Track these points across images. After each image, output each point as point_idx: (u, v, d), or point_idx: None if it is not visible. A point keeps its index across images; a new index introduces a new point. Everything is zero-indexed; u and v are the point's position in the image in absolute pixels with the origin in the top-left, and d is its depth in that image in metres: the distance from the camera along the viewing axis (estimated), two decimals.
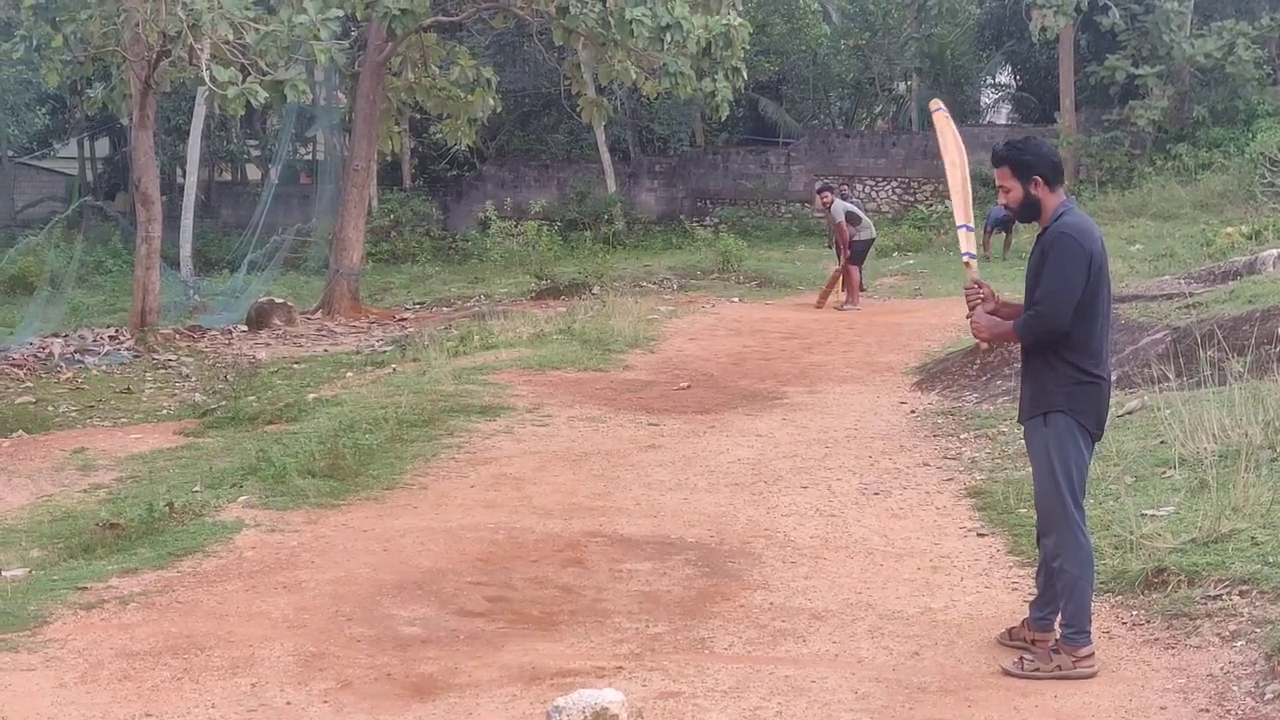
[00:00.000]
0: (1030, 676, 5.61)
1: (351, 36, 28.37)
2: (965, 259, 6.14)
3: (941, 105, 6.68)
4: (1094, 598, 6.24)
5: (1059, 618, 5.75)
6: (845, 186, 29.89)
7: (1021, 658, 5.73)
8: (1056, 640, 5.72)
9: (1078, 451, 5.67)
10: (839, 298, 20.18)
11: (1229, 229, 20.74)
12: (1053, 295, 5.55)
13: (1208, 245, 20.08)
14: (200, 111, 31.29)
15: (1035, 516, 6.06)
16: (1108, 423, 6.05)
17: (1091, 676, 5.58)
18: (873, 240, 21.09)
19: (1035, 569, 6.06)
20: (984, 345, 6.14)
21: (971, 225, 6.04)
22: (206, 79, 17.00)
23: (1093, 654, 5.65)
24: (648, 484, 9.31)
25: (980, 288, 5.94)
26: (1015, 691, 5.45)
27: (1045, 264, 5.61)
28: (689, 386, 13.34)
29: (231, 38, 17.16)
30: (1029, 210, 5.74)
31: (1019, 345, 5.90)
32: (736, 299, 22.19)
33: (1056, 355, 5.64)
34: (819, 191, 21.21)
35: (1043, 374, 5.69)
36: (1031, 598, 6.06)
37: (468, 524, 8.26)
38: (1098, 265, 5.58)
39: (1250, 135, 29.58)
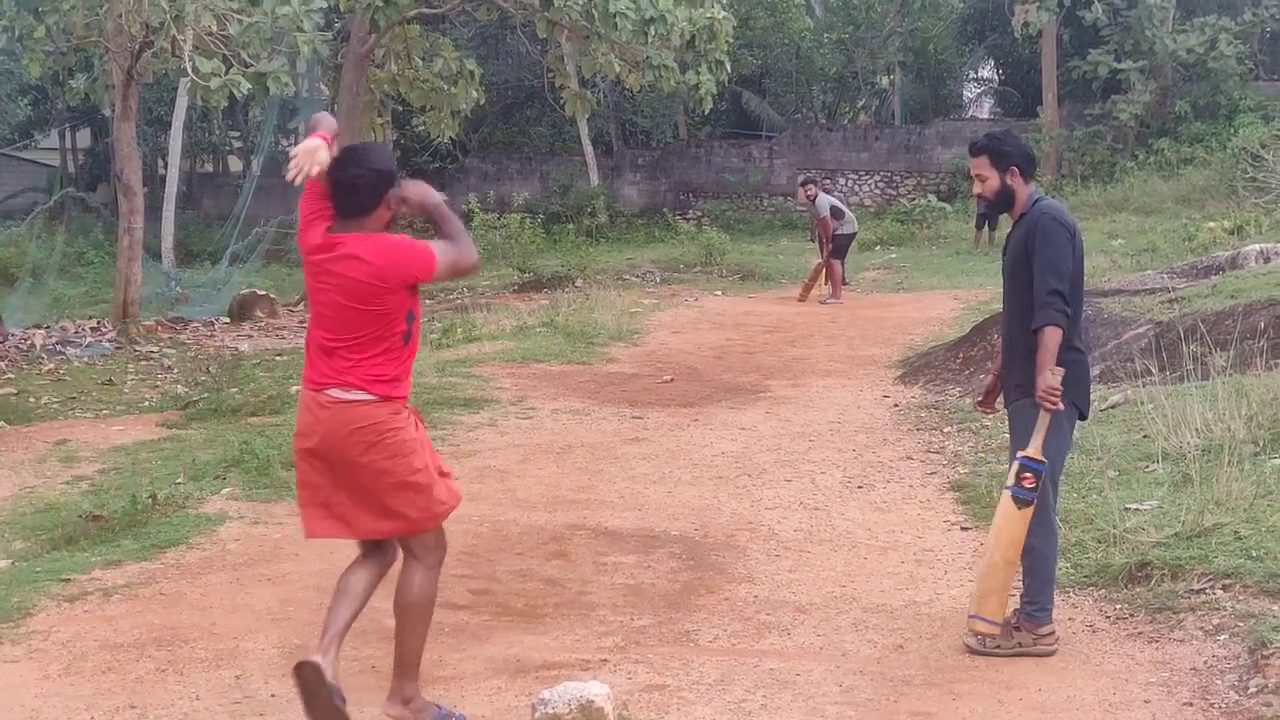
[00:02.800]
0: (991, 654, 5.70)
1: (335, 28, 28.37)
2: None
3: None
4: (1078, 591, 6.31)
5: (1023, 595, 5.82)
6: (828, 181, 29.95)
7: (983, 635, 5.76)
8: (1018, 617, 5.76)
9: (1066, 432, 5.76)
10: (822, 291, 20.23)
11: (1211, 224, 20.85)
12: (1054, 270, 5.64)
13: (1190, 240, 20.17)
14: (182, 103, 31.16)
15: None
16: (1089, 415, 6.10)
17: (1052, 654, 5.68)
18: (855, 234, 21.21)
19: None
20: (1056, 384, 5.80)
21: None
22: (189, 70, 16.91)
23: (1054, 631, 5.74)
24: (631, 477, 9.31)
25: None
26: (999, 684, 5.47)
27: (1035, 244, 5.70)
28: (672, 380, 13.34)
29: (214, 29, 17.08)
30: (1004, 199, 5.89)
31: (1004, 330, 6.00)
32: (719, 292, 22.21)
33: None
34: (803, 185, 21.27)
35: (1033, 354, 5.69)
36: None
37: (451, 516, 8.22)
38: (1079, 243, 5.77)
39: (1232, 130, 29.71)
